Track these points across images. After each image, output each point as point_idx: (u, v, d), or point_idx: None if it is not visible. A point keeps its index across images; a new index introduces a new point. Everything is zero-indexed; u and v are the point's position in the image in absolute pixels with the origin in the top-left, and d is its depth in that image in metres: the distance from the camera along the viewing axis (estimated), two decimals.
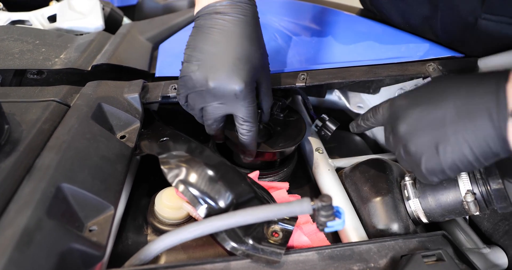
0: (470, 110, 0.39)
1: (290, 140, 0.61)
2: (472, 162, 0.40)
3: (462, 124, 0.39)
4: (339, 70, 0.61)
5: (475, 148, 0.39)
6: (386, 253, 0.46)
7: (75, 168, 0.43)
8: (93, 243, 0.40)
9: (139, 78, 0.63)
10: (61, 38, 0.72)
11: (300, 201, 0.40)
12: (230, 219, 0.39)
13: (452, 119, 0.40)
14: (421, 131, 0.43)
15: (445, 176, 0.43)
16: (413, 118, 0.44)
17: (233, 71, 0.49)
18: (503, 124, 0.37)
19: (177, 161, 0.48)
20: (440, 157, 0.41)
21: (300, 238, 0.49)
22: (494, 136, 0.38)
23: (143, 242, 0.50)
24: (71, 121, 0.50)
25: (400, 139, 0.46)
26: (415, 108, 0.44)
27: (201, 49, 0.51)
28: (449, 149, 0.41)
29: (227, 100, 0.51)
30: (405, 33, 0.65)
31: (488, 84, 0.38)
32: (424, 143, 0.43)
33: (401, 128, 0.45)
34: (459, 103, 0.40)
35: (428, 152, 0.42)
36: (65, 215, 0.40)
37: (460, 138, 0.40)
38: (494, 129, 0.37)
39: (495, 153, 0.39)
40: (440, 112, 0.41)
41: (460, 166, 0.41)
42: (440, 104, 0.42)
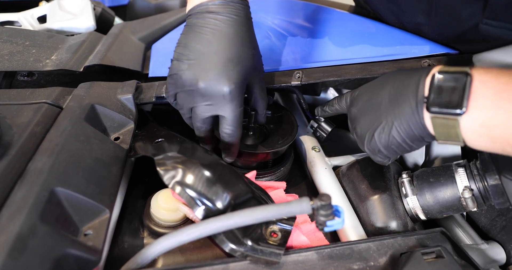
0: (398, 98, 0.45)
1: (287, 135, 0.61)
2: (401, 143, 0.45)
3: (392, 109, 0.45)
4: (334, 68, 0.61)
5: (401, 131, 0.44)
6: (385, 251, 0.46)
7: (69, 171, 0.42)
8: (89, 248, 0.39)
9: (132, 78, 0.62)
10: (52, 39, 0.71)
11: (299, 200, 0.39)
12: (229, 220, 0.39)
13: (385, 105, 0.46)
14: (364, 115, 0.49)
15: (384, 155, 0.48)
16: (361, 104, 0.50)
17: (223, 72, 0.49)
18: (420, 110, 0.42)
19: (173, 162, 0.47)
20: (376, 138, 0.47)
21: (299, 238, 0.48)
22: (414, 120, 0.43)
23: (140, 245, 0.49)
24: (64, 123, 0.49)
25: (352, 122, 0.52)
26: (364, 95, 0.50)
27: (192, 48, 0.50)
28: (382, 130, 0.46)
29: (215, 101, 0.50)
30: (400, 31, 0.65)
31: (414, 77, 0.44)
32: (366, 125, 0.48)
33: (353, 112, 0.52)
34: (392, 92, 0.46)
35: (368, 133, 0.48)
36: (59, 219, 0.39)
37: (390, 121, 0.45)
38: (413, 114, 0.43)
39: (418, 136, 0.44)
40: (379, 99, 0.47)
41: (393, 147, 0.46)
42: (380, 92, 0.48)
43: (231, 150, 0.56)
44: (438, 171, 0.54)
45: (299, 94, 0.65)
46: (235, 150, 0.56)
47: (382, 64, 0.59)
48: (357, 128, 0.50)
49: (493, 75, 0.39)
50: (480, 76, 0.39)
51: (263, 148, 0.59)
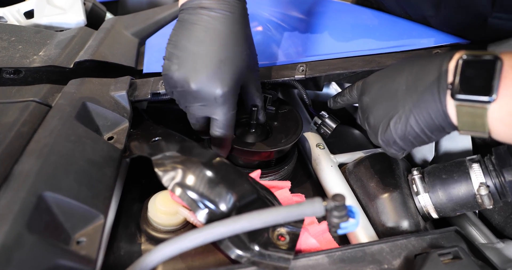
0: (417, 85, 0.41)
1: (291, 133, 0.59)
2: (419, 133, 0.42)
3: (410, 97, 0.42)
4: (340, 60, 0.58)
5: (420, 120, 0.41)
6: (399, 253, 0.44)
7: (59, 174, 0.40)
8: (82, 257, 0.36)
9: (125, 75, 0.60)
10: (40, 35, 0.67)
11: (311, 201, 0.36)
12: (236, 224, 0.36)
13: (402, 92, 0.43)
14: (378, 103, 0.46)
15: (399, 147, 0.45)
16: (374, 92, 0.47)
17: (215, 74, 0.47)
18: (443, 98, 0.39)
19: (172, 162, 0.44)
20: (391, 128, 0.44)
21: (308, 241, 0.46)
22: (435, 108, 0.40)
23: (137, 252, 0.47)
24: (53, 122, 0.46)
25: (364, 112, 0.48)
26: (377, 83, 0.47)
27: (183, 47, 0.48)
28: (398, 120, 0.43)
29: (207, 103, 0.49)
30: (407, 21, 0.63)
31: (436, 62, 0.41)
32: (380, 114, 0.45)
33: (365, 101, 0.48)
34: (410, 79, 0.43)
35: (383, 123, 0.45)
36: (48, 227, 0.36)
37: (407, 110, 0.42)
38: (434, 102, 0.40)
39: (438, 126, 0.41)
40: (394, 86, 0.44)
41: (410, 138, 0.43)
42: (396, 79, 0.44)
43: (222, 149, 0.55)
44: (451, 167, 0.52)
45: (301, 89, 0.62)
46: (226, 149, 0.55)
47: (390, 55, 0.57)
48: (369, 118, 0.47)
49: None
50: (510, 61, 0.36)
51: (265, 147, 0.56)
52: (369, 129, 0.48)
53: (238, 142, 0.56)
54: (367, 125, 0.48)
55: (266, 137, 0.60)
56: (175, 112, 0.70)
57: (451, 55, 0.40)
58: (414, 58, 0.45)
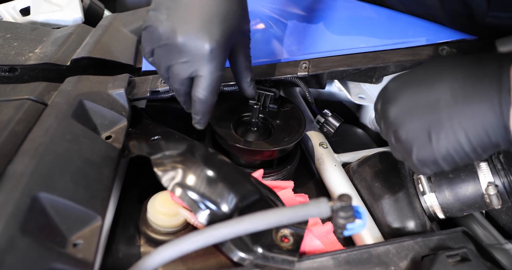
0: (468, 94, 0.35)
1: (293, 132, 0.57)
2: (469, 153, 0.36)
3: (458, 108, 0.35)
4: (343, 57, 0.56)
5: (472, 137, 0.35)
6: (406, 255, 0.43)
7: (55, 174, 0.38)
8: (79, 261, 0.35)
9: (124, 73, 0.58)
10: (36, 32, 0.66)
11: (317, 202, 0.35)
12: (239, 226, 0.34)
13: (447, 102, 0.36)
14: (412, 115, 0.39)
15: (439, 168, 0.39)
16: (405, 101, 0.39)
17: (206, 26, 0.43)
18: (505, 110, 0.33)
19: (172, 161, 0.43)
20: (433, 146, 0.37)
21: (312, 242, 0.44)
22: (495, 123, 0.34)
23: (136, 254, 0.45)
24: (48, 121, 0.44)
25: (390, 124, 0.41)
26: (407, 89, 0.40)
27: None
28: (443, 136, 0.36)
29: (193, 59, 0.45)
30: (411, 17, 0.61)
31: (490, 66, 0.35)
32: (415, 129, 0.38)
33: (392, 112, 0.40)
34: (456, 86, 0.36)
35: (419, 139, 0.38)
36: (43, 229, 0.35)
37: (456, 124, 0.36)
38: (495, 115, 0.34)
39: (494, 143, 0.35)
40: (434, 95, 0.37)
41: (455, 157, 0.37)
42: (435, 86, 0.37)
43: (202, 116, 0.49)
44: (458, 167, 0.50)
45: (304, 87, 0.60)
46: (205, 117, 0.50)
47: (396, 52, 0.55)
48: (400, 133, 0.39)
49: None
50: None
51: (268, 146, 0.54)
52: (398, 145, 0.41)
53: (240, 141, 0.55)
54: (394, 140, 0.41)
55: (269, 136, 0.58)
56: (175, 111, 0.69)
57: (510, 57, 0.34)
58: (450, 59, 0.39)
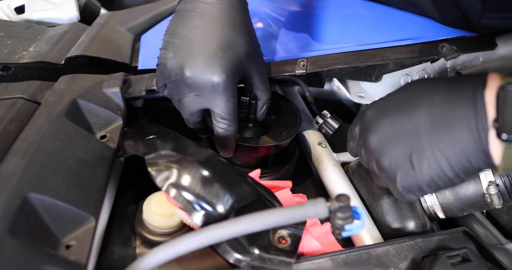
0: (446, 120, 0.35)
1: (290, 127, 0.56)
2: (452, 178, 0.36)
3: (438, 135, 0.35)
4: (342, 55, 0.56)
5: (454, 163, 0.35)
6: (405, 255, 0.43)
7: (46, 174, 0.37)
8: (71, 263, 0.34)
9: (120, 71, 0.57)
10: (30, 30, 0.65)
11: (314, 202, 0.34)
12: (234, 227, 0.34)
13: (427, 129, 0.36)
14: (394, 143, 0.38)
15: (423, 193, 0.39)
16: (384, 129, 0.39)
17: (212, 60, 0.45)
18: (483, 136, 0.33)
19: (166, 161, 0.42)
20: (416, 173, 0.37)
21: (310, 243, 0.44)
22: (474, 149, 0.34)
23: (132, 255, 0.44)
24: (41, 120, 0.43)
25: (372, 153, 0.41)
26: (386, 118, 0.40)
27: (179, 35, 0.46)
28: (425, 164, 0.36)
29: (203, 92, 0.46)
30: (411, 14, 0.61)
31: (465, 90, 0.35)
32: (398, 157, 0.38)
33: (372, 141, 0.40)
34: (434, 112, 0.36)
35: (403, 167, 0.38)
36: (34, 231, 0.34)
37: (437, 151, 0.36)
38: (474, 141, 0.34)
39: (476, 167, 0.35)
40: (413, 122, 0.37)
41: (439, 183, 0.37)
42: (413, 113, 0.37)
43: (227, 146, 0.51)
44: None
45: (303, 85, 0.59)
46: (231, 145, 0.52)
47: (395, 49, 0.54)
48: (383, 161, 0.39)
49: None
50: None
51: (267, 141, 0.54)
52: (381, 173, 0.41)
53: (238, 137, 0.54)
54: (377, 168, 0.41)
55: (266, 132, 0.57)
56: (172, 110, 0.68)
57: (483, 80, 0.34)
58: (427, 84, 0.39)
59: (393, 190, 0.41)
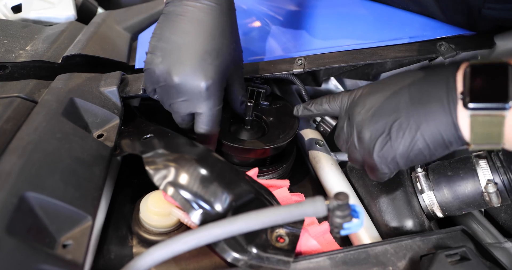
0: (422, 96, 0.39)
1: (288, 128, 0.57)
2: (423, 150, 0.39)
3: (415, 109, 0.39)
4: (340, 53, 0.56)
5: (426, 134, 0.39)
6: (404, 254, 0.43)
7: (43, 173, 0.37)
8: (68, 262, 0.34)
9: (117, 70, 0.57)
10: (27, 29, 0.65)
11: (313, 201, 0.34)
12: (232, 225, 0.33)
13: (406, 105, 0.40)
14: (376, 116, 0.42)
15: (396, 165, 0.42)
16: (370, 105, 0.43)
17: (200, 66, 0.45)
18: (453, 109, 0.37)
19: (164, 160, 0.42)
20: (392, 142, 0.41)
21: (308, 242, 0.44)
22: (445, 121, 0.37)
23: (128, 255, 0.44)
24: (38, 119, 0.43)
25: (355, 126, 0.44)
26: (374, 95, 0.44)
27: (167, 39, 0.46)
28: (401, 134, 0.40)
29: (191, 97, 0.47)
30: (409, 13, 0.60)
31: (441, 73, 0.39)
32: (378, 128, 0.42)
33: (358, 115, 0.44)
34: (414, 90, 0.40)
35: (381, 136, 0.41)
36: (31, 230, 0.34)
37: (412, 122, 0.39)
38: (444, 114, 0.37)
39: (446, 141, 0.38)
40: (395, 99, 0.41)
41: (411, 155, 0.40)
42: (396, 91, 0.42)
43: (207, 146, 0.52)
44: (457, 164, 0.50)
45: (300, 84, 0.59)
46: (211, 146, 0.53)
47: (393, 47, 0.54)
48: (364, 133, 0.43)
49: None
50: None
51: (263, 144, 0.54)
52: (361, 144, 0.44)
53: (234, 139, 0.54)
54: (357, 140, 0.44)
55: (263, 134, 0.58)
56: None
57: (457, 65, 0.38)
58: (413, 71, 0.43)
59: (369, 161, 0.44)
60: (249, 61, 0.60)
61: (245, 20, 0.67)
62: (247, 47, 0.63)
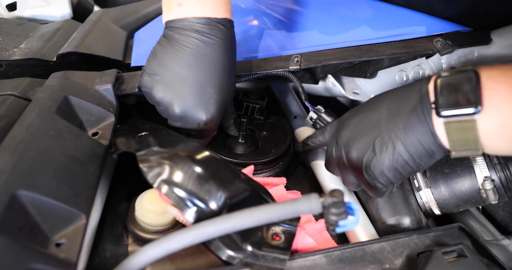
0: (399, 110, 0.41)
1: (280, 143, 0.59)
2: (408, 161, 0.40)
3: (394, 123, 0.41)
4: (337, 50, 0.55)
5: (408, 146, 0.39)
6: (401, 252, 0.42)
7: (36, 171, 0.36)
8: (61, 261, 0.33)
9: (113, 68, 0.56)
10: (22, 27, 0.64)
11: (307, 198, 0.34)
12: (226, 223, 0.33)
13: (385, 119, 0.42)
14: (360, 135, 0.44)
15: (387, 179, 0.42)
16: (354, 124, 0.45)
17: (202, 101, 0.47)
18: (428, 118, 0.38)
19: (158, 158, 0.41)
20: (378, 157, 0.41)
21: (304, 240, 0.43)
22: (423, 130, 0.38)
23: (124, 253, 0.44)
24: (31, 116, 0.42)
25: (343, 147, 0.46)
26: (356, 116, 0.46)
27: (170, 68, 0.47)
28: (384, 148, 0.41)
29: (189, 125, 0.49)
30: (406, 9, 0.60)
31: (414, 87, 0.41)
32: (363, 145, 0.43)
33: (343, 137, 0.46)
34: (391, 106, 0.42)
35: (367, 154, 0.43)
36: (23, 229, 0.33)
37: (393, 136, 0.40)
38: (421, 123, 0.38)
39: (428, 150, 0.39)
40: (376, 116, 0.43)
41: (398, 167, 0.41)
42: (376, 110, 0.43)
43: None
44: (454, 161, 0.50)
45: (296, 81, 0.59)
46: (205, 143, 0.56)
47: (390, 44, 0.54)
48: (351, 152, 0.44)
49: (499, 71, 0.36)
50: (485, 72, 0.36)
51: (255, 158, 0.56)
52: (350, 164, 0.45)
53: (228, 153, 0.56)
54: (347, 161, 0.46)
55: (256, 148, 0.60)
56: None
57: (428, 78, 0.40)
58: (390, 90, 0.45)
59: (361, 180, 0.45)
60: (245, 58, 0.59)
61: (242, 17, 0.67)
62: (244, 44, 0.63)
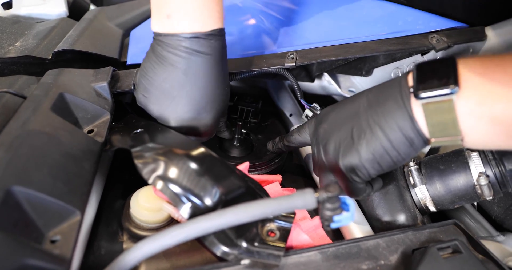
0: (379, 98, 0.40)
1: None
2: (386, 149, 0.39)
3: (373, 110, 0.40)
4: (332, 48, 0.55)
5: (387, 131, 0.39)
6: (396, 248, 0.42)
7: (31, 167, 0.36)
8: (55, 257, 0.33)
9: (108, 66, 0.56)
10: (17, 25, 0.64)
11: (302, 193, 0.34)
12: (220, 218, 0.33)
13: (365, 109, 0.41)
14: (339, 126, 0.43)
15: (365, 172, 0.41)
16: (332, 117, 0.45)
17: (196, 118, 0.48)
18: (407, 102, 0.38)
19: (153, 153, 0.41)
20: (355, 146, 0.40)
21: (299, 237, 0.43)
22: (401, 115, 0.38)
23: (119, 251, 0.44)
24: (26, 113, 0.42)
25: (321, 140, 0.45)
26: (335, 109, 0.45)
27: (161, 88, 0.47)
28: (362, 135, 0.40)
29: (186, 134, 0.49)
30: (402, 6, 0.60)
31: (395, 79, 0.41)
32: (341, 136, 0.42)
33: (322, 130, 0.45)
34: (371, 96, 0.42)
35: (345, 144, 0.42)
36: (17, 225, 0.33)
37: (371, 122, 0.40)
38: (399, 108, 0.38)
39: (407, 137, 0.38)
40: (354, 107, 0.43)
41: (376, 156, 0.40)
42: (356, 101, 0.43)
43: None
44: (449, 157, 0.50)
45: (292, 79, 0.59)
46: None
47: (385, 41, 0.54)
48: (329, 145, 0.43)
49: (476, 58, 0.36)
50: (461, 60, 0.36)
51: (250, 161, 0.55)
52: (328, 157, 0.44)
53: (223, 156, 0.57)
54: (324, 154, 0.44)
55: (251, 151, 0.60)
56: None
57: (408, 71, 0.41)
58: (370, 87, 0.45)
59: (338, 175, 0.44)
60: (241, 56, 0.59)
61: (237, 15, 0.67)
62: (239, 42, 0.63)
